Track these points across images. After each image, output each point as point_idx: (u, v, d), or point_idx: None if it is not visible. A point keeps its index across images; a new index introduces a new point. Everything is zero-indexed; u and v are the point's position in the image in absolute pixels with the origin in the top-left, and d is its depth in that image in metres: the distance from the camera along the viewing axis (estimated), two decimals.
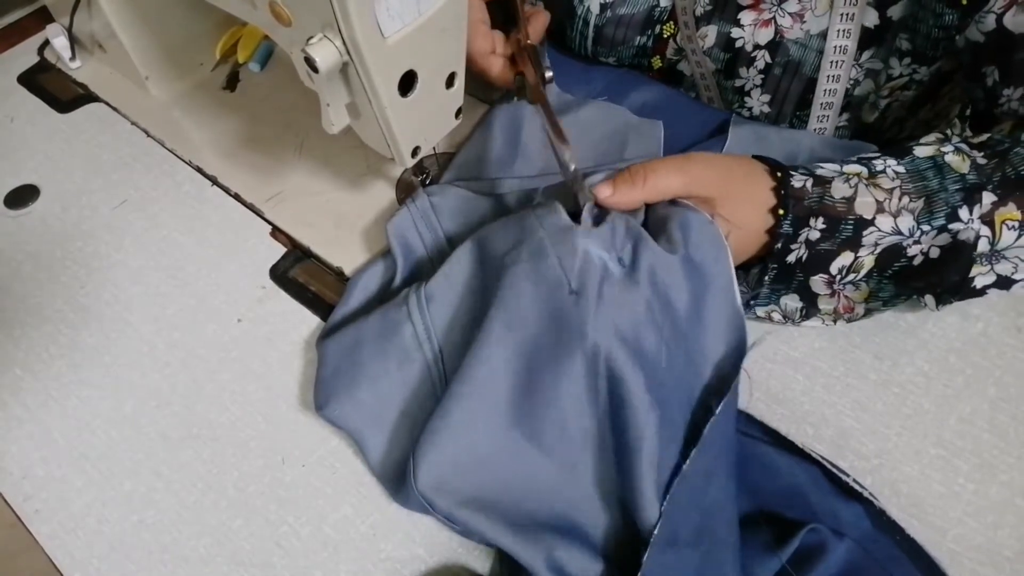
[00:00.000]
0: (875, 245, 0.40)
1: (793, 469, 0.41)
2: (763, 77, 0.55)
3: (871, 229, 0.40)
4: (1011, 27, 0.43)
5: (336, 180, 0.58)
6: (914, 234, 0.40)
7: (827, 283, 0.42)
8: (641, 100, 0.58)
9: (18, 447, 0.46)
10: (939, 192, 0.40)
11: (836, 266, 0.41)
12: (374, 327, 0.45)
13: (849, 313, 0.44)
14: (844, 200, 0.40)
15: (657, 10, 0.58)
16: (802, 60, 0.53)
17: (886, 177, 0.41)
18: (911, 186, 0.41)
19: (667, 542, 0.36)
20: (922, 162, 0.42)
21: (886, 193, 0.40)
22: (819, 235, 0.40)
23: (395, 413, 0.43)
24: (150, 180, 0.59)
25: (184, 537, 0.42)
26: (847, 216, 0.40)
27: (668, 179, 0.40)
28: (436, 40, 0.42)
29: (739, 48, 0.55)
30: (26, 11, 0.73)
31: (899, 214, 0.40)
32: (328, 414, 0.43)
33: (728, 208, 0.40)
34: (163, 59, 0.64)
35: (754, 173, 0.42)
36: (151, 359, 0.50)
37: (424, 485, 0.38)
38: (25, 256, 0.56)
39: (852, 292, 0.43)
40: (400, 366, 0.44)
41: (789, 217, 0.40)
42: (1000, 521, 0.39)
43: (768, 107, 0.57)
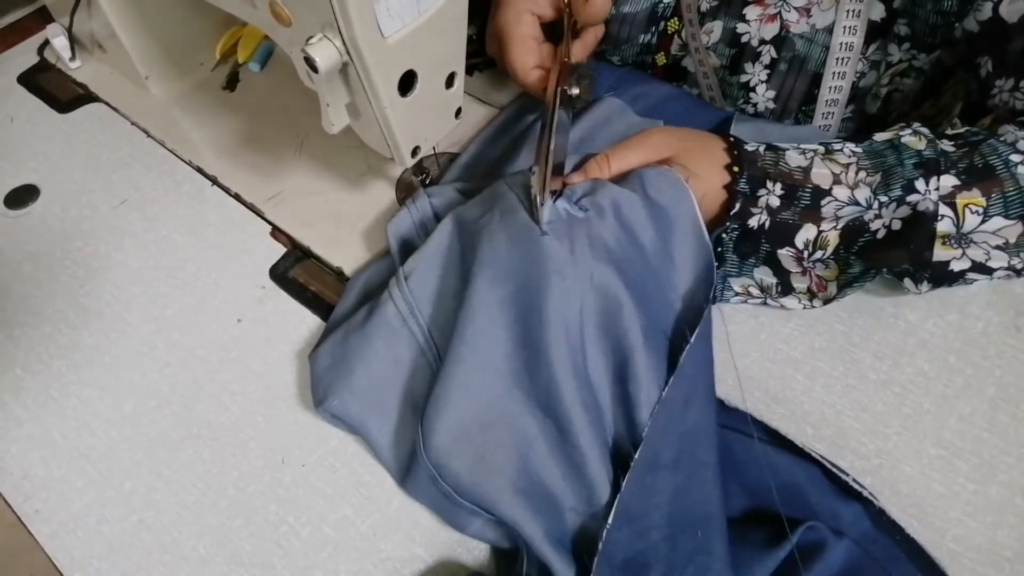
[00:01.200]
0: (836, 218, 0.42)
1: (792, 469, 0.41)
2: (768, 72, 0.55)
3: (828, 199, 0.42)
4: (1006, 16, 0.44)
5: (336, 180, 0.58)
6: (872, 206, 0.42)
7: (796, 259, 0.44)
8: (644, 99, 0.58)
9: (18, 447, 0.46)
10: (896, 167, 0.42)
11: (801, 239, 0.43)
12: (360, 317, 0.45)
13: (823, 292, 0.45)
14: (800, 169, 0.43)
15: (660, 6, 0.58)
16: (807, 55, 0.53)
17: (842, 154, 0.43)
18: (868, 162, 0.43)
19: (648, 465, 0.38)
20: (879, 144, 0.44)
21: (842, 167, 0.42)
22: (779, 202, 0.42)
23: (395, 395, 0.43)
24: (150, 180, 0.59)
25: (184, 537, 0.42)
26: (804, 185, 0.42)
27: (630, 153, 0.44)
28: (436, 40, 0.42)
29: (745, 43, 0.55)
30: (26, 11, 0.73)
31: (856, 187, 0.42)
32: (328, 408, 0.43)
33: (685, 162, 0.44)
34: (163, 59, 0.64)
35: (709, 137, 0.45)
36: (151, 359, 0.50)
37: (433, 453, 0.39)
38: (25, 256, 0.56)
39: (823, 271, 0.44)
40: (388, 344, 0.44)
41: (744, 175, 0.42)
42: (1000, 521, 0.39)
43: (773, 103, 0.57)
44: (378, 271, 0.50)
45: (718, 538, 0.36)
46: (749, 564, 0.37)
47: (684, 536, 0.37)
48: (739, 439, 0.41)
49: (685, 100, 0.58)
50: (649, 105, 0.58)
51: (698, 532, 0.36)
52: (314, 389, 0.45)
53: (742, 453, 0.41)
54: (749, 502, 0.40)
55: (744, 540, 0.38)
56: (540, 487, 0.39)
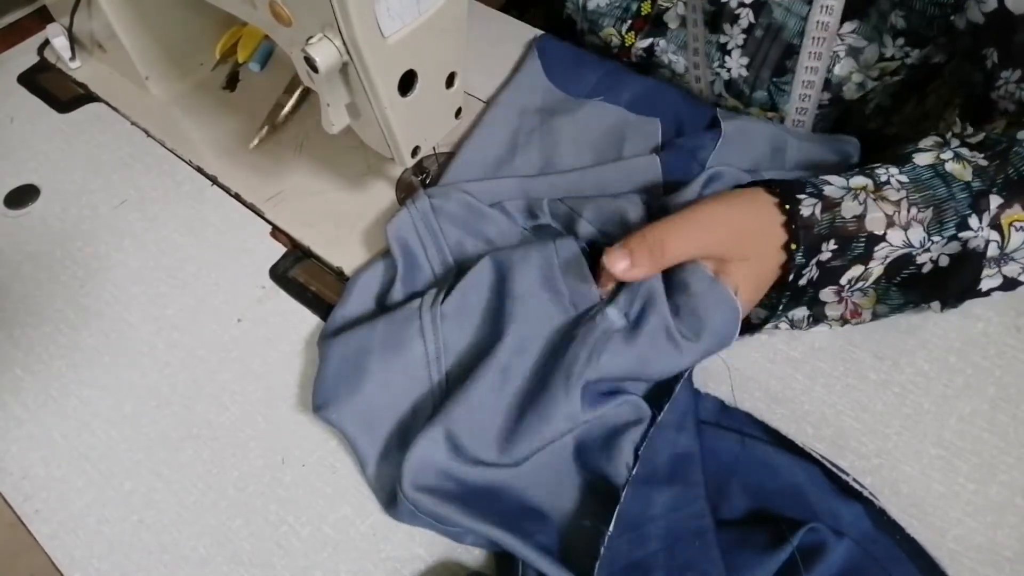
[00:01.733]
0: (885, 258, 0.40)
1: (793, 469, 0.41)
2: (744, 38, 0.55)
3: (882, 244, 0.40)
4: (1012, 7, 0.43)
5: (336, 180, 0.58)
6: (925, 244, 0.40)
7: (835, 292, 0.42)
8: (631, 94, 0.58)
9: (18, 447, 0.46)
10: (947, 201, 0.40)
11: (846, 278, 0.41)
12: (382, 336, 0.45)
13: (857, 318, 0.44)
14: (855, 219, 0.40)
15: None
16: (784, 24, 0.53)
17: (892, 188, 0.41)
18: (917, 196, 0.40)
19: (645, 479, 0.39)
20: (923, 171, 0.41)
21: (894, 206, 0.40)
22: (830, 255, 0.40)
23: (392, 425, 0.43)
24: (150, 180, 0.59)
25: (184, 537, 0.42)
26: (858, 234, 0.40)
27: (684, 246, 0.40)
28: (436, 40, 0.42)
29: (724, 3, 0.54)
30: (26, 11, 0.73)
31: (909, 226, 0.40)
32: (325, 415, 0.43)
33: (740, 248, 0.40)
34: (163, 59, 0.64)
35: (763, 214, 0.41)
36: (151, 359, 0.50)
37: (408, 487, 0.39)
38: (25, 256, 0.56)
39: (860, 298, 0.43)
40: (406, 382, 0.44)
41: (801, 250, 0.39)
42: (1000, 521, 0.39)
43: (746, 70, 0.56)
44: (378, 271, 0.50)
45: (714, 549, 0.37)
46: (750, 566, 0.37)
47: (682, 545, 0.37)
48: (739, 440, 0.41)
49: (671, 94, 0.58)
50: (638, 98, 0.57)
51: (696, 542, 0.36)
52: (316, 391, 0.45)
53: (743, 454, 0.41)
54: (750, 503, 0.40)
55: (745, 542, 0.38)
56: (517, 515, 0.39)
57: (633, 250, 0.39)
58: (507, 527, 0.38)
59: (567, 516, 0.40)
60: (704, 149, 0.53)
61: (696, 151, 0.53)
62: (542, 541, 0.38)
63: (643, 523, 0.38)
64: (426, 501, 0.38)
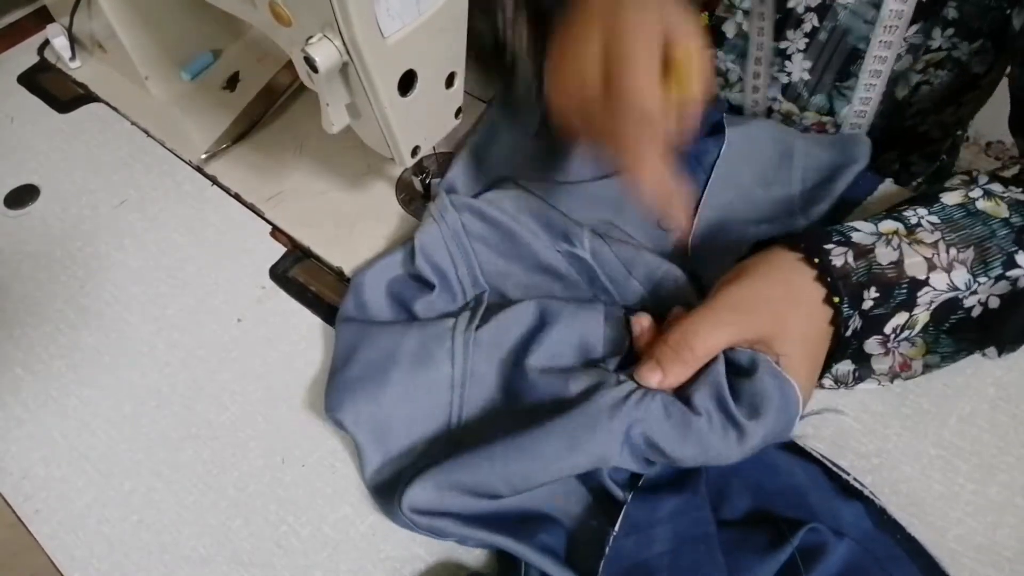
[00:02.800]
0: (930, 303, 0.38)
1: (792, 468, 0.41)
2: (807, 42, 0.53)
3: (926, 289, 0.38)
4: None
5: (336, 180, 0.58)
6: (971, 286, 0.38)
7: (881, 343, 0.40)
8: None
9: (18, 447, 0.46)
10: (988, 239, 0.38)
11: (890, 326, 0.39)
12: (411, 349, 0.44)
13: (907, 371, 0.41)
14: (892, 264, 0.38)
15: None
16: (850, 27, 0.51)
17: (924, 231, 0.39)
18: (954, 236, 0.38)
19: (651, 484, 0.38)
20: (953, 210, 0.40)
21: (931, 248, 0.38)
22: (872, 303, 0.38)
23: (404, 440, 0.43)
24: (150, 180, 0.59)
25: (184, 537, 0.42)
26: (900, 281, 0.38)
27: (713, 340, 0.37)
28: (436, 40, 0.42)
29: (790, 9, 0.53)
30: (26, 11, 0.73)
31: (952, 268, 0.38)
32: (340, 418, 0.43)
33: (779, 327, 0.37)
34: (163, 59, 0.64)
35: (793, 278, 0.38)
36: (151, 359, 0.50)
37: (407, 509, 0.38)
38: (25, 256, 0.56)
39: (908, 349, 0.41)
40: (427, 401, 0.43)
41: (845, 301, 0.37)
42: (1000, 521, 0.39)
43: (808, 74, 0.55)
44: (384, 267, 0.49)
45: (718, 554, 0.37)
46: (750, 566, 0.37)
47: (687, 548, 0.37)
48: None
49: None
50: None
51: (700, 546, 0.36)
52: (331, 391, 0.44)
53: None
54: (750, 503, 0.40)
55: (745, 542, 0.38)
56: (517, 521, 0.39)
57: (661, 361, 0.37)
58: (507, 531, 0.38)
59: (574, 518, 0.40)
60: (708, 155, 0.52)
61: (701, 156, 0.52)
62: (544, 541, 0.38)
63: (650, 525, 0.37)
64: (423, 520, 0.38)
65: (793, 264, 0.38)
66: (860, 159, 0.51)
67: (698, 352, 0.37)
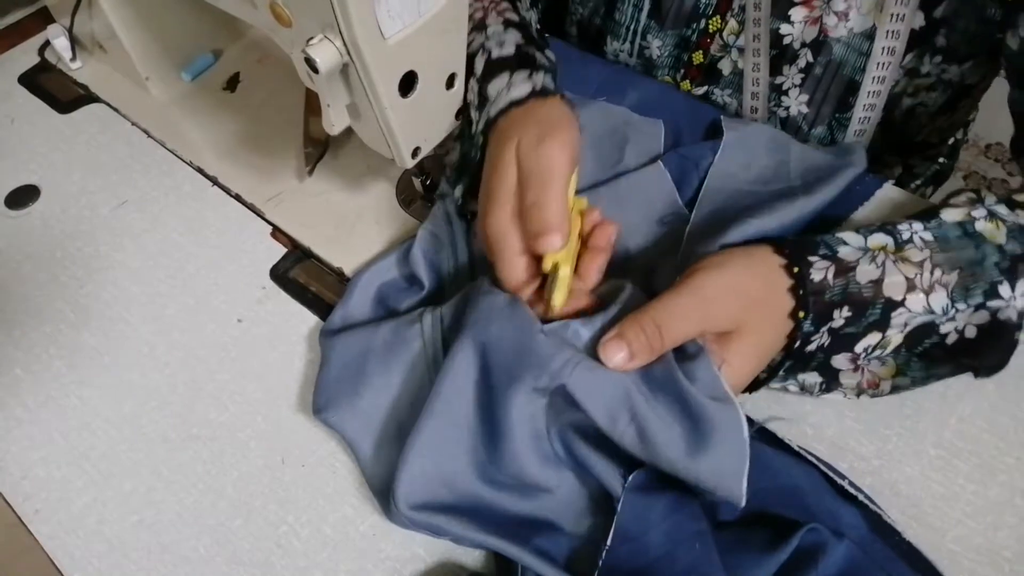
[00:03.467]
0: (904, 325, 0.38)
1: (791, 470, 0.41)
2: (803, 76, 0.53)
3: (900, 311, 0.37)
4: None
5: (336, 180, 0.58)
6: (948, 312, 0.37)
7: (851, 360, 0.40)
8: (637, 96, 0.58)
9: (18, 447, 0.46)
10: (976, 264, 0.37)
11: (861, 346, 0.38)
12: (384, 339, 0.45)
13: (874, 388, 0.41)
14: (871, 283, 0.37)
15: (703, 3, 0.56)
16: (844, 60, 0.51)
17: (914, 248, 0.38)
18: (942, 256, 0.37)
19: (640, 487, 0.38)
20: (951, 228, 0.39)
21: (916, 268, 0.37)
22: (844, 322, 0.38)
23: (392, 428, 0.43)
24: (150, 181, 0.59)
25: (184, 537, 0.42)
26: (875, 300, 0.37)
27: (685, 326, 0.36)
28: (436, 41, 0.42)
29: (786, 45, 0.53)
30: (27, 11, 0.73)
31: (932, 289, 0.37)
32: (326, 418, 0.44)
33: (745, 320, 0.37)
34: (163, 60, 0.64)
35: (770, 279, 0.38)
36: (151, 359, 0.50)
37: (402, 504, 0.38)
38: (25, 257, 0.56)
39: (877, 368, 0.40)
40: (405, 385, 0.44)
41: (809, 318, 0.37)
42: (1000, 522, 0.39)
43: (806, 107, 0.55)
44: (380, 271, 0.49)
45: (713, 552, 0.37)
46: (750, 567, 0.37)
47: (682, 550, 0.37)
48: None
49: (677, 97, 0.58)
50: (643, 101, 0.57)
51: (696, 544, 0.36)
52: (317, 393, 0.45)
53: None
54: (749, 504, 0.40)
55: (744, 543, 0.38)
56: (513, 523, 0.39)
57: (630, 340, 0.36)
58: (504, 534, 0.38)
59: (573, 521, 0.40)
60: (704, 159, 0.52)
61: (698, 160, 0.53)
62: (541, 545, 0.38)
63: (643, 532, 0.37)
64: (421, 517, 0.38)
65: (774, 267, 0.38)
66: (857, 163, 0.51)
67: (668, 338, 0.36)
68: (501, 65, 0.47)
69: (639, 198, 0.51)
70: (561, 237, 0.39)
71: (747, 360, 0.37)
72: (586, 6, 0.61)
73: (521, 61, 0.47)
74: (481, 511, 0.39)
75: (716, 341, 0.37)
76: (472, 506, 0.39)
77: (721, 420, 0.35)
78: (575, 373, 0.36)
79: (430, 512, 0.38)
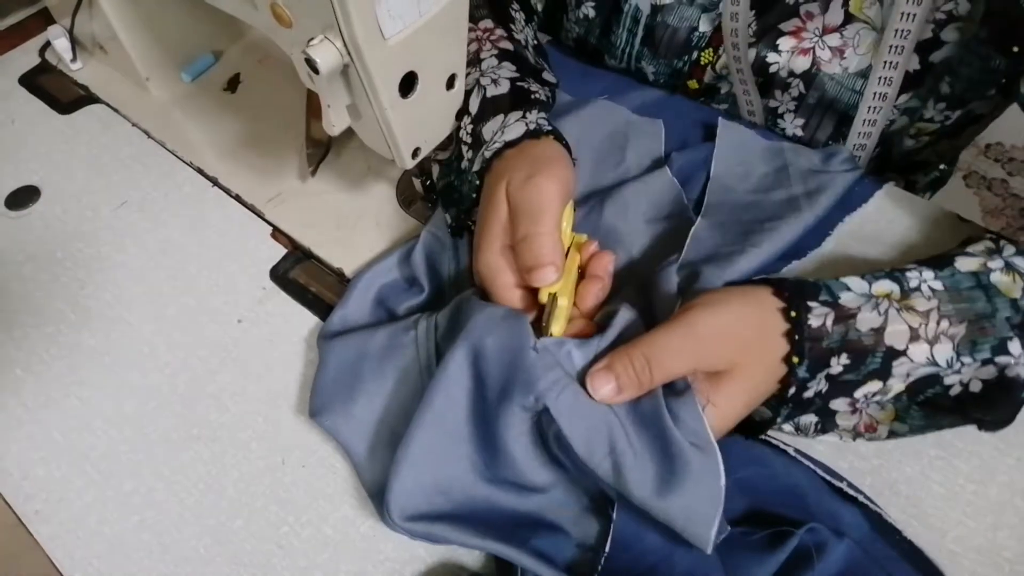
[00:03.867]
0: (907, 375, 0.37)
1: (791, 469, 0.41)
2: (796, 104, 0.53)
3: (902, 360, 0.36)
4: None
5: (336, 181, 0.58)
6: (953, 365, 0.36)
7: (849, 403, 0.39)
8: (639, 102, 0.58)
9: (18, 447, 0.46)
10: (986, 318, 0.36)
11: (861, 392, 0.38)
12: (380, 344, 0.45)
13: (871, 432, 0.40)
14: (872, 331, 0.36)
15: (695, 35, 0.55)
16: (837, 97, 0.51)
17: (921, 296, 0.37)
18: (951, 307, 0.36)
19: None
20: (963, 278, 0.37)
21: (921, 317, 0.36)
22: (842, 369, 0.37)
23: (386, 433, 0.43)
24: (151, 181, 0.59)
25: (184, 537, 0.42)
26: (875, 349, 0.36)
27: (676, 364, 0.36)
28: (437, 41, 0.42)
29: (773, 74, 0.52)
30: (27, 12, 0.73)
31: (936, 341, 0.36)
32: (321, 422, 0.44)
33: (737, 361, 0.36)
34: (164, 60, 0.64)
35: (766, 321, 0.37)
36: (151, 359, 0.50)
37: (397, 516, 0.38)
38: (26, 257, 0.56)
39: (876, 411, 0.40)
40: (398, 388, 0.44)
41: (804, 364, 0.36)
42: (1000, 522, 0.39)
43: (801, 131, 0.55)
44: (379, 272, 0.49)
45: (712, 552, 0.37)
46: (750, 566, 0.37)
47: (680, 552, 0.37)
48: (737, 441, 0.41)
49: (681, 103, 0.58)
50: (646, 106, 0.57)
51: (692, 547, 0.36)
52: (313, 397, 0.45)
53: (741, 455, 0.41)
54: (749, 504, 0.40)
55: (744, 543, 0.38)
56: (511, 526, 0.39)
57: (618, 373, 0.36)
58: (502, 537, 0.38)
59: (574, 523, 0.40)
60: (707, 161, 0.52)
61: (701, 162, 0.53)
62: (540, 546, 0.38)
63: (640, 537, 0.37)
64: (418, 527, 0.38)
65: (771, 311, 0.37)
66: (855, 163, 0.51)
67: (657, 375, 0.36)
68: (495, 106, 0.47)
69: (645, 202, 0.51)
70: (555, 270, 0.39)
71: (735, 402, 0.37)
72: (581, 26, 0.61)
73: (516, 100, 0.47)
74: (480, 514, 0.39)
75: (706, 380, 0.37)
76: (471, 510, 0.39)
77: (699, 465, 0.35)
78: (560, 398, 0.36)
79: (427, 522, 0.38)
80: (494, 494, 0.40)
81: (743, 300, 0.38)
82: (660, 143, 0.55)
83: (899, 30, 0.46)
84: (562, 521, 0.40)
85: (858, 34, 0.49)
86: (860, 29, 0.49)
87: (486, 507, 0.40)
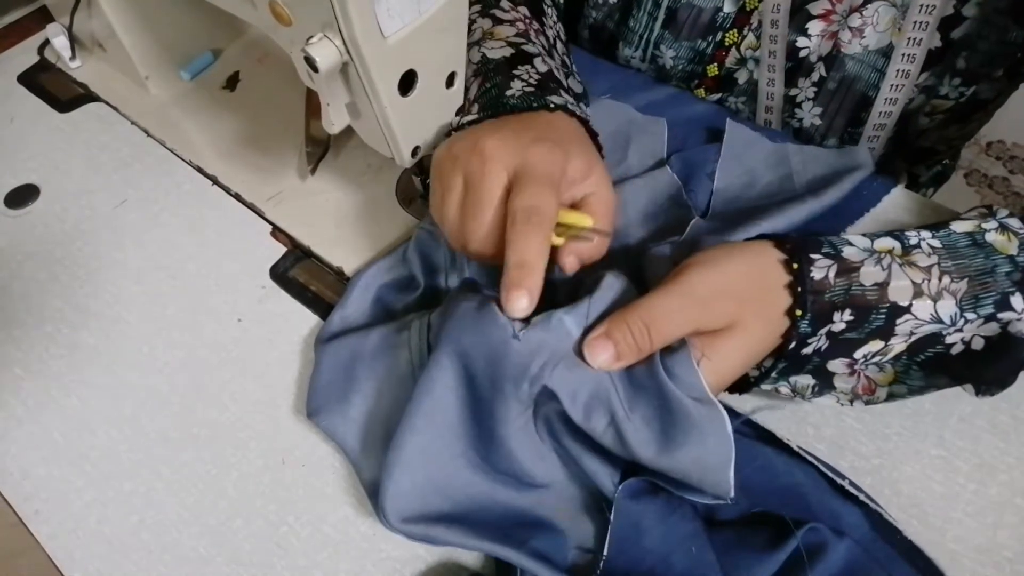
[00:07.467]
0: (910, 335, 0.36)
1: (791, 469, 0.41)
2: (816, 90, 0.53)
3: (906, 317, 0.36)
4: None
5: (336, 179, 0.58)
6: (956, 322, 0.36)
7: (847, 364, 0.38)
8: (645, 100, 0.58)
9: (18, 447, 0.46)
10: (986, 274, 0.36)
11: (861, 352, 0.37)
12: (374, 344, 0.45)
13: (869, 395, 0.39)
14: (876, 286, 0.36)
15: (720, 15, 0.55)
16: (857, 76, 0.51)
17: (922, 253, 0.37)
18: (951, 264, 0.36)
19: (631, 492, 0.38)
20: (959, 237, 0.37)
21: (923, 272, 0.36)
22: (844, 326, 0.36)
23: (381, 433, 0.43)
24: (150, 180, 0.59)
25: (184, 537, 0.42)
26: (879, 304, 0.36)
27: (675, 327, 0.35)
28: (436, 40, 0.42)
29: (803, 58, 0.53)
30: (26, 10, 0.73)
31: (940, 297, 0.36)
32: (317, 422, 0.44)
33: (739, 316, 0.35)
34: (163, 58, 0.64)
35: (768, 274, 0.36)
36: (151, 359, 0.50)
37: (393, 519, 0.38)
38: (25, 256, 0.56)
39: (875, 373, 0.39)
40: (392, 389, 0.43)
41: (807, 317, 0.35)
42: (1000, 521, 0.39)
43: (819, 119, 0.55)
44: (378, 272, 0.49)
45: (709, 552, 0.37)
46: (750, 566, 0.37)
47: (678, 554, 0.37)
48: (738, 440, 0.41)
49: (687, 100, 0.58)
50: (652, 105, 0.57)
51: (691, 547, 0.36)
52: (309, 397, 0.45)
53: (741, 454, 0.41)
54: (749, 503, 0.40)
55: (744, 542, 0.38)
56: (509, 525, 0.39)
57: (617, 339, 0.34)
58: (501, 538, 0.38)
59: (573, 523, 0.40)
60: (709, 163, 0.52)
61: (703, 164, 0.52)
62: (538, 547, 0.38)
63: (638, 539, 0.37)
64: (416, 529, 0.38)
65: (773, 263, 0.36)
66: (864, 165, 0.51)
67: (656, 339, 0.35)
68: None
69: (644, 198, 0.51)
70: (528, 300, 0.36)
71: (732, 359, 0.36)
72: (600, 11, 0.60)
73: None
74: (478, 513, 0.39)
75: (702, 340, 0.36)
76: (469, 508, 0.39)
77: (703, 417, 0.34)
78: (555, 373, 0.36)
79: (426, 523, 0.38)
80: (492, 488, 0.40)
81: (742, 255, 0.37)
82: (663, 142, 0.54)
83: (924, 5, 0.47)
84: (560, 522, 0.40)
85: (877, 12, 0.49)
86: (880, 7, 0.49)
87: (485, 503, 0.40)
